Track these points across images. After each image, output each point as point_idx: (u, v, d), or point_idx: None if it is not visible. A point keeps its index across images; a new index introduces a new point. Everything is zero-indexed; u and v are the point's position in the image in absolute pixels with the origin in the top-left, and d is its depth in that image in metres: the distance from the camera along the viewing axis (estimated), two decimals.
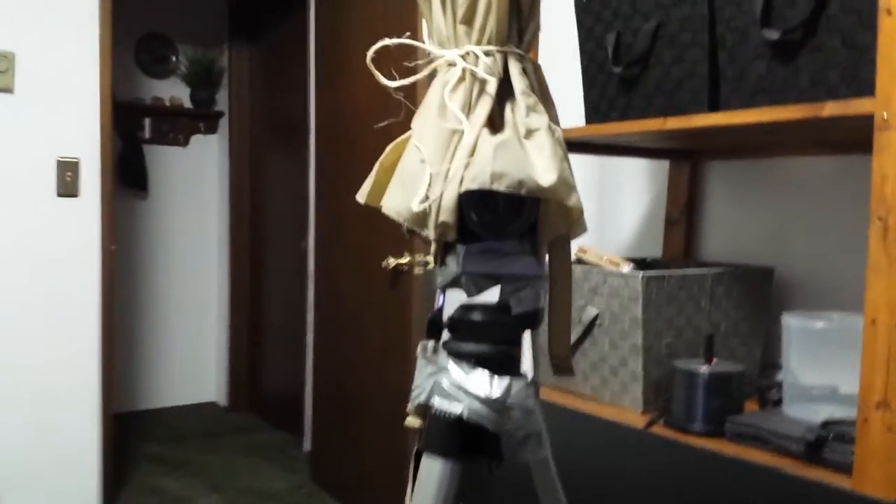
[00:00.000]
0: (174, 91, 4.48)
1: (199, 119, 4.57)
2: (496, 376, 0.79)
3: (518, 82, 0.79)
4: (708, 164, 1.79)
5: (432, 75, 0.84)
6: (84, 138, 2.81)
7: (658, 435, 1.34)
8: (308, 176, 3.60)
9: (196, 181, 4.61)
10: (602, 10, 1.47)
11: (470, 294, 0.79)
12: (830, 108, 1.04)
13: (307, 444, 3.69)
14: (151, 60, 4.43)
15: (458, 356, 0.81)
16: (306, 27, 3.59)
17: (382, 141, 0.93)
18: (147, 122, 4.42)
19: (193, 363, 4.66)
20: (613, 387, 1.49)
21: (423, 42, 0.85)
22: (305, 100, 3.62)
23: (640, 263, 1.64)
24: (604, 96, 1.49)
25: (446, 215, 0.76)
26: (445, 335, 0.84)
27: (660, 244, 1.88)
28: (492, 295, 0.79)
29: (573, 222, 0.83)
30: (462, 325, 0.81)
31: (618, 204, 2.02)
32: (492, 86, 0.77)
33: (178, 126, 4.52)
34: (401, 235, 0.91)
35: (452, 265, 0.81)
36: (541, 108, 0.78)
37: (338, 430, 3.04)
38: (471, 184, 0.74)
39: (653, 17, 1.36)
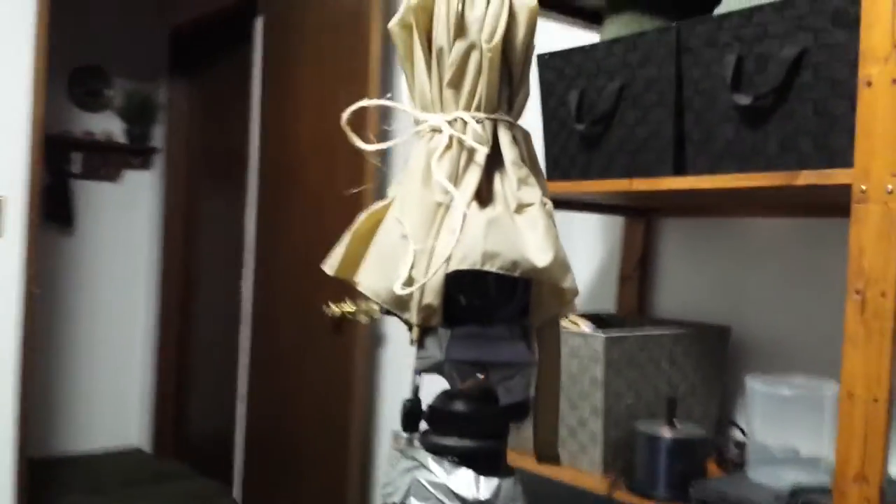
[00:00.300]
0: (108, 125, 4.32)
1: (133, 154, 4.42)
2: (482, 476, 0.72)
3: (508, 152, 0.74)
4: (663, 220, 1.79)
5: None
6: (11, 174, 2.66)
7: (621, 501, 1.30)
8: (245, 215, 3.50)
9: (127, 218, 4.44)
10: (564, 65, 1.46)
11: (453, 384, 0.73)
12: (805, 178, 1.03)
13: (236, 493, 3.53)
14: (85, 93, 4.28)
15: (439, 452, 0.74)
16: (249, 62, 3.51)
17: (329, 183, 0.87)
18: (78, 156, 4.24)
19: (117, 406, 4.44)
20: (571, 447, 1.44)
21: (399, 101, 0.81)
22: (246, 136, 3.54)
23: (596, 320, 1.61)
24: (565, 153, 1.47)
25: (431, 297, 0.70)
26: (423, 426, 0.77)
27: (612, 299, 1.86)
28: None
29: (566, 303, 0.79)
30: (443, 416, 0.74)
31: (571, 258, 2.01)
32: (481, 155, 0.73)
33: (110, 161, 4.35)
34: (345, 282, 0.84)
35: (433, 349, 0.74)
36: (532, 180, 0.74)
37: (271, 479, 2.91)
38: (460, 264, 0.69)
39: (618, 76, 1.35)
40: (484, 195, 0.74)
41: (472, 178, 0.72)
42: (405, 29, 0.77)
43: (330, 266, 0.82)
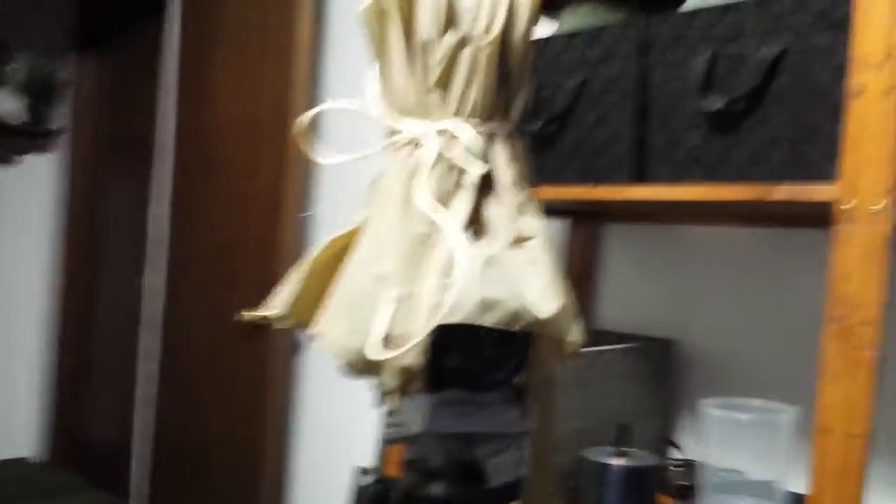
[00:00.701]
0: (7, 103, 3.99)
1: (34, 136, 4.09)
2: None
3: (506, 170, 0.62)
4: (609, 226, 1.70)
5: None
6: None
7: None
8: (150, 208, 3.27)
9: (23, 205, 4.11)
10: None
11: (434, 462, 0.59)
12: (783, 192, 0.95)
13: None
14: None
15: None
16: (163, 38, 3.28)
17: (252, 174, 0.72)
18: None
19: (1, 412, 4.10)
20: None
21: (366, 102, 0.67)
22: (158, 120, 3.30)
23: None
24: None
25: (413, 358, 0.56)
26: None
27: None
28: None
29: (567, 356, 0.66)
30: (420, 502, 0.60)
31: None
32: (474, 175, 0.60)
33: (7, 142, 4.02)
34: (262, 284, 0.68)
35: (409, 416, 0.60)
36: (534, 205, 0.62)
37: (178, 494, 2.70)
38: (451, 316, 0.55)
39: (576, 73, 1.25)
40: (475, 225, 0.61)
41: (463, 203, 0.59)
42: (379, 16, 0.64)
43: (275, 308, 0.67)
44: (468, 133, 0.59)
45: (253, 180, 2.35)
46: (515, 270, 0.57)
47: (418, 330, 0.55)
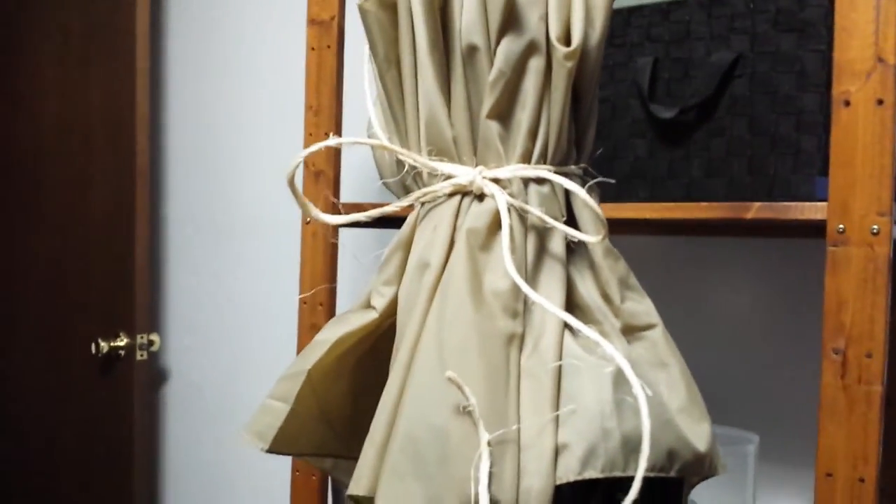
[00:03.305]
0: None
1: None
2: None
3: (593, 231, 0.45)
4: None
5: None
6: None
7: None
8: None
9: None
10: None
11: None
12: (759, 211, 0.86)
13: None
14: None
15: None
16: None
17: (83, 184, 0.51)
18: None
19: None
20: None
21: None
22: None
23: None
24: None
25: None
26: None
27: None
28: None
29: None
30: None
31: None
32: (560, 239, 0.43)
33: None
34: (115, 309, 0.47)
35: None
36: (634, 279, 0.46)
37: None
38: (587, 467, 0.38)
39: None
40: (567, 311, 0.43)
41: (555, 284, 0.42)
42: (385, 9, 0.45)
43: (259, 439, 0.47)
44: (555, 178, 0.42)
45: (86, 189, 2.04)
46: (648, 382, 0.41)
47: (537, 491, 0.37)
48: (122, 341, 1.98)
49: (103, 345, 1.98)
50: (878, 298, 0.78)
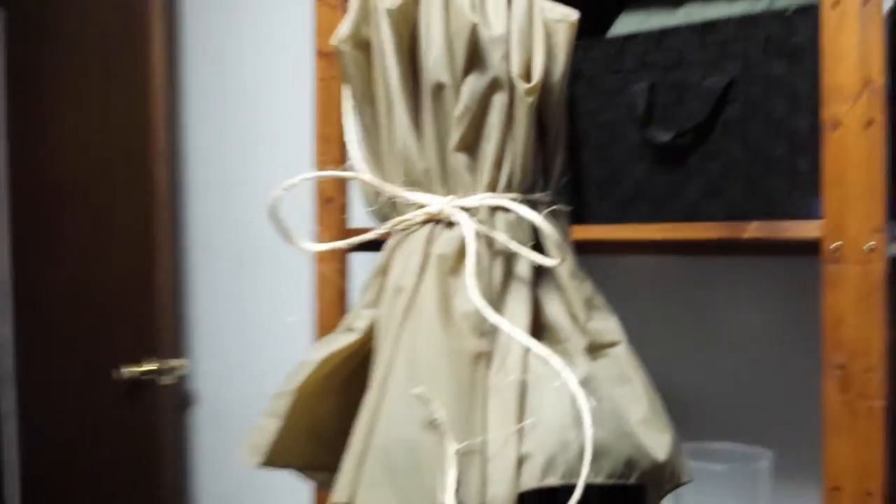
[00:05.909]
0: None
1: None
2: None
3: (558, 253, 0.48)
4: None
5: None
6: None
7: None
8: None
9: None
10: None
11: None
12: (756, 230, 0.88)
13: None
14: None
15: None
16: None
17: (106, 216, 0.54)
18: None
19: None
20: None
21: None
22: None
23: None
24: None
25: None
26: None
27: None
28: None
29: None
30: None
31: None
32: (526, 264, 0.46)
33: None
34: (141, 334, 0.50)
35: None
36: (601, 299, 0.48)
37: None
38: (548, 475, 0.40)
39: None
40: (533, 330, 0.46)
41: (520, 305, 0.45)
42: (360, 49, 0.48)
43: (253, 455, 0.50)
44: (515, 207, 0.45)
45: (112, 215, 2.10)
46: (610, 395, 0.44)
47: (501, 499, 0.40)
48: (149, 366, 2.03)
49: (128, 370, 2.04)
50: (875, 315, 0.80)
